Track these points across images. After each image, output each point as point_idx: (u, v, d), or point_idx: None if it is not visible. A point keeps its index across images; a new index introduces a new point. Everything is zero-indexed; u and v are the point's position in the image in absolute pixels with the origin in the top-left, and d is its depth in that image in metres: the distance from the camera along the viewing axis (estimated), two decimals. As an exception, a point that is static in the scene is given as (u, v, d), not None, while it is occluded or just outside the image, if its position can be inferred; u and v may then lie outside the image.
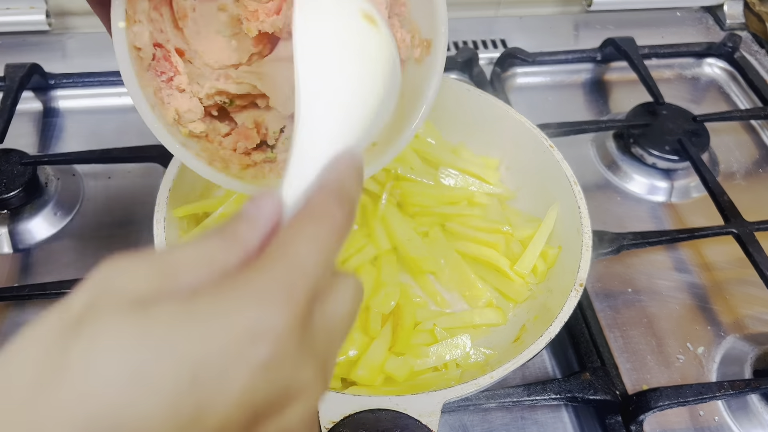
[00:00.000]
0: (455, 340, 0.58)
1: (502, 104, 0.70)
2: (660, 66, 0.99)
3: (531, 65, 0.95)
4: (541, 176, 0.67)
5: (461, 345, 0.58)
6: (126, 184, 0.77)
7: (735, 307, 0.71)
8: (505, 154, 0.72)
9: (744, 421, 0.62)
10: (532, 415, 0.61)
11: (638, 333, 0.68)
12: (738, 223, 0.72)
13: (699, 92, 0.98)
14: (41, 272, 0.68)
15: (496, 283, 0.64)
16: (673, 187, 0.82)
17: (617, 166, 0.84)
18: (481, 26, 1.03)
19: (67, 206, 0.74)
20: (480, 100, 0.71)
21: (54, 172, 0.76)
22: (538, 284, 0.63)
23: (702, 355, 0.67)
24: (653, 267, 0.74)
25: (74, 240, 0.71)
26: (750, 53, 1.02)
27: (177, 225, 0.61)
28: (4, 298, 0.63)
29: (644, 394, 0.59)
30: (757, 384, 0.59)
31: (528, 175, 0.69)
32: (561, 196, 0.64)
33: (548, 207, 0.65)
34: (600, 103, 0.94)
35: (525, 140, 0.68)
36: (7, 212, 0.71)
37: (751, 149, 0.90)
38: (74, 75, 0.87)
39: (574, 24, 1.06)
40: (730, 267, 0.74)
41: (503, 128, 0.70)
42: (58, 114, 0.86)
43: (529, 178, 0.69)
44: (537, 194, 0.68)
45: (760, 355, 0.65)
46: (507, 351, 0.57)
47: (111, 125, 0.84)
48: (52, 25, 0.94)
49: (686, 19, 1.09)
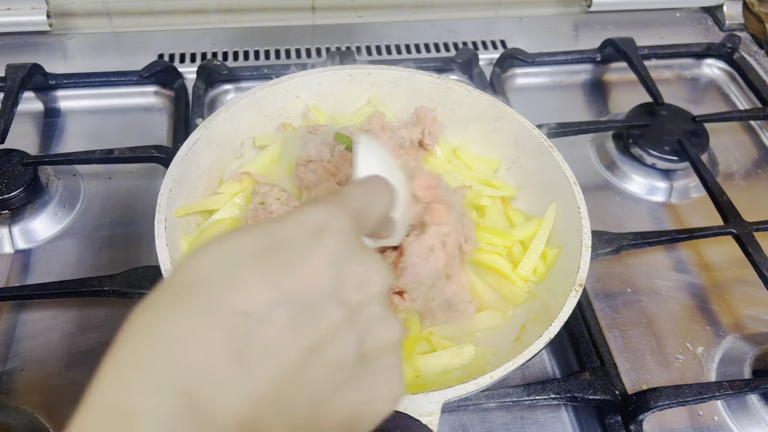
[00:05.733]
0: (459, 349, 0.57)
1: (502, 105, 0.70)
2: (659, 66, 0.99)
3: (531, 66, 0.95)
4: (541, 176, 0.67)
5: (466, 354, 0.57)
6: (126, 184, 0.78)
7: (734, 307, 0.71)
8: (506, 155, 0.72)
9: (743, 421, 0.62)
10: (531, 415, 0.61)
11: (638, 333, 0.68)
12: (737, 224, 0.72)
13: (698, 93, 0.98)
14: (42, 272, 0.68)
15: (495, 284, 0.63)
16: (672, 187, 0.83)
17: (617, 166, 0.84)
18: (481, 27, 1.03)
19: (68, 206, 0.74)
20: (480, 101, 0.71)
21: (55, 172, 0.77)
22: (538, 284, 0.63)
23: (701, 355, 0.67)
24: (653, 267, 0.74)
25: (75, 240, 0.71)
26: (749, 54, 1.02)
27: (178, 225, 0.61)
28: (5, 298, 0.63)
29: (644, 394, 0.59)
30: (756, 384, 0.60)
31: (528, 175, 0.69)
32: (560, 196, 0.64)
33: (547, 207, 0.65)
34: (599, 104, 0.94)
35: (525, 140, 0.68)
36: (8, 212, 0.71)
37: (751, 149, 0.90)
38: (75, 75, 0.87)
39: (573, 25, 1.07)
40: (729, 267, 0.74)
41: (503, 129, 0.70)
42: (58, 114, 0.86)
43: (529, 178, 0.69)
44: (537, 194, 0.68)
45: (759, 355, 0.65)
46: (507, 351, 0.57)
47: (111, 125, 0.85)
48: (52, 25, 0.94)
49: (686, 20, 1.09)
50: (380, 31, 1.02)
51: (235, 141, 0.69)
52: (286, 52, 0.97)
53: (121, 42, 0.97)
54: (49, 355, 0.62)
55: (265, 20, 1.02)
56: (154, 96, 0.88)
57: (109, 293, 0.62)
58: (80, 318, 0.65)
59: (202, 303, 0.28)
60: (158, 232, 0.56)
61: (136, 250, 0.70)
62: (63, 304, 0.65)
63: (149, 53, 0.94)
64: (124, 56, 0.94)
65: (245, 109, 0.68)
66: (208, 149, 0.66)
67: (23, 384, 0.60)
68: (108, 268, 0.66)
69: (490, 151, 0.73)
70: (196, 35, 0.98)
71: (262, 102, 0.70)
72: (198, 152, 0.64)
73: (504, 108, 0.69)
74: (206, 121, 0.66)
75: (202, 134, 0.65)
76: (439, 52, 0.99)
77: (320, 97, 0.73)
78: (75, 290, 0.63)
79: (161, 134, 0.83)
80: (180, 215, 0.62)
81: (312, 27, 1.02)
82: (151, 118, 0.86)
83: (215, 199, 0.66)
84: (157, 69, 0.87)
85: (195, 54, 0.95)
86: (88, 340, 0.63)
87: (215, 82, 0.89)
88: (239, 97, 0.69)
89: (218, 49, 0.96)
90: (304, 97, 0.73)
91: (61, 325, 0.64)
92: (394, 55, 0.97)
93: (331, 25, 1.03)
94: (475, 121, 0.72)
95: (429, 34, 1.01)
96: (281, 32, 1.00)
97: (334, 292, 0.31)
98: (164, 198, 0.59)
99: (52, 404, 0.58)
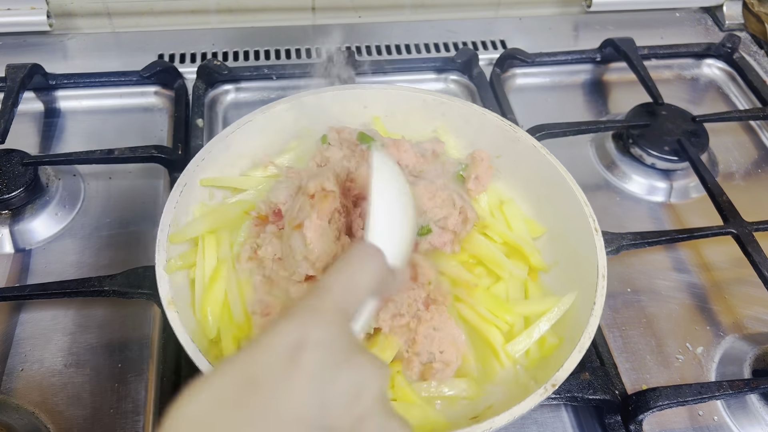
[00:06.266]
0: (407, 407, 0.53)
1: (564, 172, 0.65)
2: (659, 66, 0.99)
3: (531, 66, 0.95)
4: (578, 257, 0.62)
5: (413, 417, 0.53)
6: (126, 184, 0.78)
7: (734, 307, 0.71)
8: (554, 226, 0.66)
9: (743, 421, 0.62)
10: (531, 415, 0.61)
11: (637, 333, 0.68)
12: (737, 224, 0.72)
13: (698, 93, 0.98)
14: (42, 272, 0.68)
15: (481, 353, 0.58)
16: (672, 187, 0.83)
17: (616, 166, 0.84)
18: (481, 27, 1.03)
19: (68, 206, 0.74)
20: (544, 162, 0.66)
21: (55, 172, 0.77)
22: (526, 369, 0.57)
23: (701, 355, 0.67)
24: (652, 267, 0.74)
25: (75, 240, 0.71)
26: (749, 54, 1.02)
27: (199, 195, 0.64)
28: (5, 298, 0.63)
29: (643, 394, 0.59)
30: (756, 384, 0.60)
31: (567, 253, 0.64)
32: (585, 286, 0.58)
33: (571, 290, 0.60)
34: (599, 104, 0.94)
35: (575, 216, 0.62)
36: (9, 212, 0.71)
37: (750, 150, 0.90)
38: (75, 75, 0.87)
39: (573, 25, 1.07)
40: (729, 267, 0.74)
41: (558, 198, 0.65)
42: (59, 114, 0.86)
43: (567, 256, 0.64)
44: (568, 275, 0.63)
45: (759, 355, 0.65)
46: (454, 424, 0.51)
47: (111, 125, 0.85)
48: (53, 25, 0.94)
49: (685, 20, 1.09)
50: (380, 31, 1.02)
51: (290, 132, 0.70)
52: (286, 52, 0.97)
53: (121, 42, 0.97)
54: (49, 355, 0.62)
55: (265, 20, 1.02)
56: (154, 96, 0.88)
57: (109, 293, 0.62)
58: (80, 318, 0.65)
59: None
60: (173, 193, 0.60)
61: (136, 250, 0.70)
62: (63, 304, 0.65)
63: (149, 53, 0.94)
64: (124, 56, 0.94)
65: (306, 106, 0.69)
66: (259, 134, 0.67)
67: (23, 384, 0.60)
68: (108, 268, 0.67)
69: (540, 217, 0.68)
70: (196, 35, 0.98)
71: (327, 104, 0.70)
72: (247, 133, 0.66)
73: (565, 176, 0.64)
74: (265, 107, 0.67)
75: (257, 118, 0.66)
76: (439, 52, 0.99)
77: (389, 113, 0.72)
78: (75, 290, 0.63)
79: (161, 134, 0.83)
80: (204, 185, 0.64)
81: (312, 27, 1.03)
82: (151, 118, 0.86)
83: (242, 179, 0.67)
84: (157, 69, 0.87)
85: (195, 54, 0.95)
86: (88, 340, 0.63)
87: (215, 82, 0.89)
88: (303, 93, 0.69)
89: (218, 49, 0.96)
90: (373, 109, 0.72)
91: (61, 325, 0.64)
92: (394, 55, 0.97)
93: (331, 25, 1.03)
94: (534, 182, 0.68)
95: (429, 34, 1.01)
96: (281, 32, 1.00)
97: (322, 422, 0.29)
98: (194, 164, 0.62)
99: (52, 404, 0.58)
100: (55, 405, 0.58)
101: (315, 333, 0.30)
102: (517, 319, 0.59)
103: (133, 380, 0.61)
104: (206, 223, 0.62)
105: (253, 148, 0.68)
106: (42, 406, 0.58)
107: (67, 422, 0.57)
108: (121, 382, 0.60)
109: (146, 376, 0.61)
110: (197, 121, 0.82)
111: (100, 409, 0.59)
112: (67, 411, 0.58)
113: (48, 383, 0.60)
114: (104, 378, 0.61)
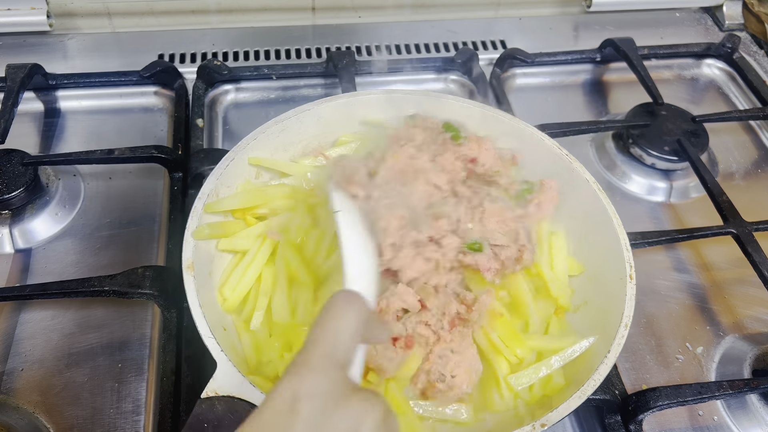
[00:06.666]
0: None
1: (611, 210, 0.63)
2: (659, 67, 0.99)
3: (530, 66, 0.95)
4: (606, 301, 0.60)
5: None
6: (126, 184, 0.78)
7: (734, 307, 0.71)
8: (594, 264, 0.64)
9: (743, 421, 0.62)
10: (531, 415, 0.61)
11: (637, 333, 0.68)
12: (737, 224, 0.72)
13: (698, 93, 0.98)
14: (42, 272, 0.68)
15: (483, 379, 0.57)
16: (672, 187, 0.83)
17: (616, 166, 0.84)
18: (481, 27, 1.03)
19: (68, 206, 0.74)
20: (594, 198, 0.64)
21: (55, 172, 0.77)
22: (527, 404, 0.56)
23: (701, 355, 0.67)
24: (652, 267, 0.74)
25: (75, 240, 0.71)
26: (749, 54, 1.02)
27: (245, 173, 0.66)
28: (5, 298, 0.63)
29: (643, 394, 0.59)
30: (756, 384, 0.60)
31: (597, 293, 0.62)
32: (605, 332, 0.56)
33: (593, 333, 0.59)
34: (599, 104, 0.94)
35: (614, 257, 0.61)
36: (9, 212, 0.71)
37: (750, 150, 0.90)
38: (75, 75, 0.87)
39: (573, 25, 1.07)
40: (729, 267, 0.74)
41: (600, 234, 0.63)
42: (59, 114, 0.86)
43: (597, 296, 0.62)
44: (593, 315, 0.61)
45: (759, 355, 0.65)
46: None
47: (111, 125, 0.85)
48: (53, 25, 0.94)
49: (685, 20, 1.09)
50: (380, 31, 1.02)
51: (344, 126, 0.71)
52: (286, 52, 0.97)
53: (121, 42, 0.97)
54: (49, 355, 0.62)
55: (265, 20, 1.02)
56: (154, 96, 0.88)
57: (109, 293, 0.62)
58: (80, 318, 0.65)
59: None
60: (219, 164, 0.62)
61: (136, 250, 0.70)
62: (63, 304, 0.65)
63: (149, 53, 0.94)
64: (124, 56, 0.94)
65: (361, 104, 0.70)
66: (314, 123, 0.69)
67: (23, 384, 0.60)
68: (108, 268, 0.67)
69: (580, 253, 0.66)
70: (196, 35, 0.98)
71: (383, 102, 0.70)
72: (303, 121, 0.68)
73: (612, 217, 0.63)
74: (322, 100, 0.69)
75: (314, 109, 0.68)
76: (439, 52, 0.99)
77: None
78: (75, 290, 0.63)
79: (161, 134, 0.83)
80: (252, 164, 0.66)
81: (312, 27, 1.03)
82: (151, 118, 0.86)
83: (290, 164, 0.69)
84: (157, 69, 0.87)
85: (195, 54, 0.95)
86: (88, 340, 0.63)
87: (215, 83, 0.89)
88: (363, 92, 0.71)
89: (218, 49, 0.96)
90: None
91: (61, 325, 0.64)
92: (394, 55, 0.97)
93: (331, 25, 1.03)
94: (579, 216, 0.65)
95: (429, 34, 1.01)
96: (281, 32, 1.00)
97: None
98: (246, 142, 0.65)
99: (52, 404, 0.58)
100: (55, 405, 0.58)
101: (306, 386, 0.34)
102: (529, 353, 0.58)
103: (133, 380, 0.61)
104: (245, 199, 0.63)
105: (306, 137, 0.70)
106: (42, 406, 0.58)
107: (67, 422, 0.58)
108: (121, 382, 0.60)
109: (146, 376, 0.61)
110: (197, 121, 0.82)
111: (100, 409, 0.59)
112: (67, 411, 0.58)
113: (48, 383, 0.60)
114: (104, 378, 0.61)
